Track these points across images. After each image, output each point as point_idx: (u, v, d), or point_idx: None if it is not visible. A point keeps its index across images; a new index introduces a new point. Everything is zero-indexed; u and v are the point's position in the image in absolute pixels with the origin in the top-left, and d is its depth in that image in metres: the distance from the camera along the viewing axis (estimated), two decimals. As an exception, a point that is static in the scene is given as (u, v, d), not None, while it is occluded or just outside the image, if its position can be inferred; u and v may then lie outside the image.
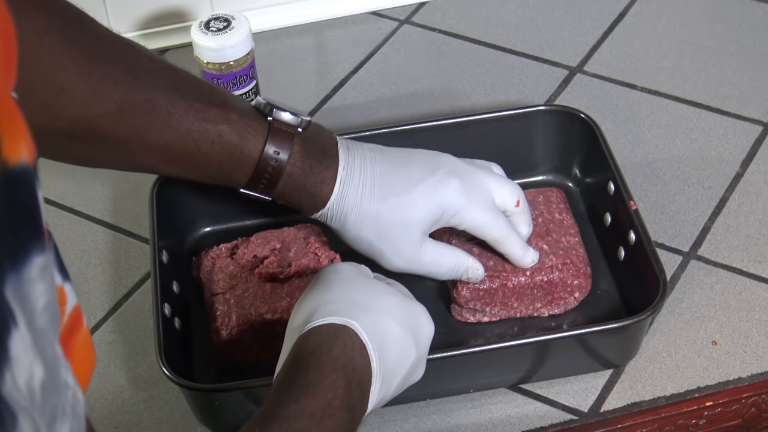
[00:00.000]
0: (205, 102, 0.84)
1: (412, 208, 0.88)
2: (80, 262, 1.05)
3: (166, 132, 0.83)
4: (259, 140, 0.85)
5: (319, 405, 0.69)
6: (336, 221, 0.89)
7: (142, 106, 0.82)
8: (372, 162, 0.89)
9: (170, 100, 0.83)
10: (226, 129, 0.84)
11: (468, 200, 0.88)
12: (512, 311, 0.94)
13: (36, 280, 0.41)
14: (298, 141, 0.86)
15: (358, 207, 0.87)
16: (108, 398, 0.93)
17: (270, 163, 0.85)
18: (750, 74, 1.19)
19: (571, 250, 0.94)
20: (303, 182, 0.87)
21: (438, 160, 0.90)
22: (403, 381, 0.77)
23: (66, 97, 0.79)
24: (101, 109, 0.81)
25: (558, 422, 0.89)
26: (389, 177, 0.88)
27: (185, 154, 0.85)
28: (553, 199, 0.99)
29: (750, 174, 1.08)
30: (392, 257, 0.89)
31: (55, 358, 0.43)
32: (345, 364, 0.71)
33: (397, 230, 0.88)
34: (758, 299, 0.97)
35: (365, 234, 0.88)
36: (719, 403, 0.90)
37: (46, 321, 0.42)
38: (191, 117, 0.83)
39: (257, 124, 0.86)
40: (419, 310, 0.79)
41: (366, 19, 1.30)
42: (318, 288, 0.77)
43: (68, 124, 0.80)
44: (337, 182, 0.87)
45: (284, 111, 0.86)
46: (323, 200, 0.88)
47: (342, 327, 0.73)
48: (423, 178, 0.88)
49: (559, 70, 1.21)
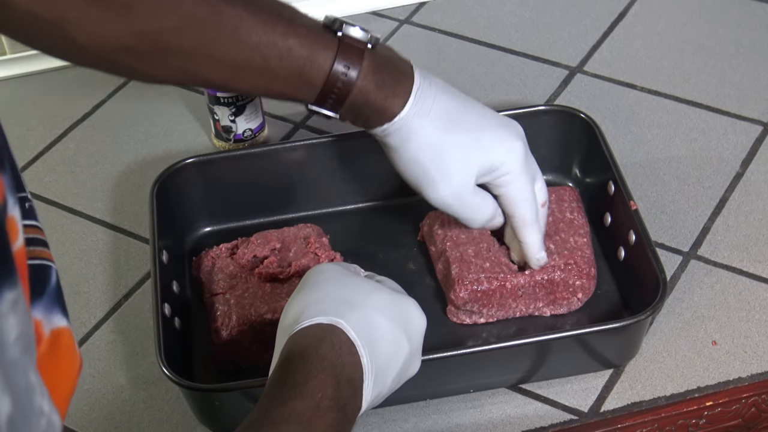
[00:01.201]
0: (274, 15, 0.82)
1: (476, 147, 0.87)
2: (80, 262, 1.05)
3: (233, 46, 0.81)
4: (329, 54, 0.83)
5: (307, 406, 0.68)
6: (397, 138, 0.87)
7: (208, 19, 0.80)
8: (445, 92, 0.88)
9: (237, 13, 0.80)
10: (295, 43, 0.82)
11: (523, 168, 0.88)
12: (509, 312, 0.94)
13: (7, 314, 0.41)
14: (368, 56, 0.84)
15: (424, 129, 0.86)
16: (108, 398, 0.93)
17: (340, 78, 0.83)
18: (750, 74, 1.19)
19: (577, 250, 0.94)
20: (373, 96, 0.85)
21: (508, 119, 0.91)
22: (398, 376, 0.76)
23: (131, 12, 0.78)
24: (166, 22, 0.79)
25: (558, 422, 0.89)
26: (461, 112, 0.88)
27: (252, 68, 0.82)
28: (565, 197, 0.99)
29: (750, 174, 1.08)
30: (443, 185, 0.88)
31: (29, 386, 0.43)
32: (333, 363, 0.71)
33: (455, 162, 0.87)
34: (758, 299, 0.97)
35: (423, 156, 0.87)
36: (719, 403, 0.90)
37: (19, 351, 0.42)
38: (259, 31, 0.81)
39: (326, 39, 0.83)
40: (409, 304, 0.79)
41: (366, 19, 1.30)
42: (305, 289, 0.77)
43: (132, 40, 0.79)
44: (411, 98, 0.85)
45: (353, 26, 0.84)
46: (392, 114, 0.86)
47: (329, 326, 0.73)
48: (493, 126, 0.88)
49: (559, 70, 1.21)
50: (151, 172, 1.08)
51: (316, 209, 1.05)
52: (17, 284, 0.42)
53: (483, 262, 0.93)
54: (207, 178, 1.03)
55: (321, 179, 1.04)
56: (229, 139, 1.12)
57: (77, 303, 1.01)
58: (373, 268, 0.86)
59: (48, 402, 0.44)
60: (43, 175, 1.14)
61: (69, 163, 1.16)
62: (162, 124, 1.18)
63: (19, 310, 0.42)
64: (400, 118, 0.85)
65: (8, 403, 0.40)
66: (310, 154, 1.03)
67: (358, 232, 1.04)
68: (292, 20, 0.83)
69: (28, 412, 0.42)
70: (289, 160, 1.04)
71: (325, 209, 1.05)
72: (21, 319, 0.43)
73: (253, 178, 1.04)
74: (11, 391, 0.41)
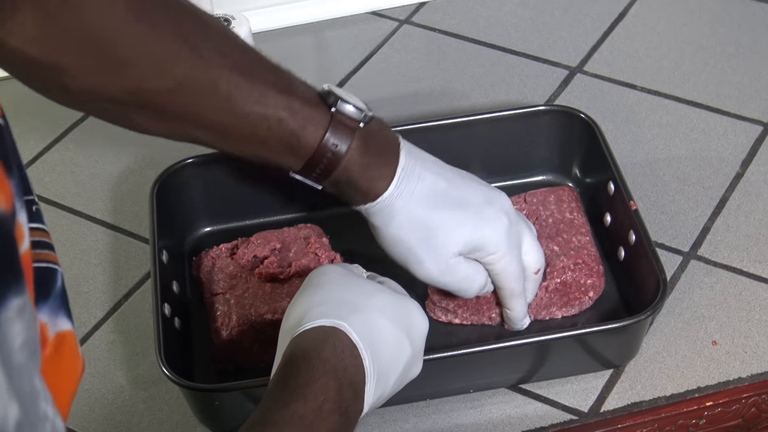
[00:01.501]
0: (269, 85, 0.82)
1: (461, 226, 0.86)
2: (80, 262, 1.05)
3: (224, 112, 0.81)
4: (318, 131, 0.83)
5: (309, 409, 0.68)
6: (381, 218, 0.87)
7: (203, 84, 0.80)
8: (431, 172, 0.87)
9: (233, 81, 0.81)
10: (287, 116, 0.82)
11: (509, 246, 0.88)
12: (483, 318, 0.94)
13: (14, 320, 0.41)
14: (359, 136, 0.84)
15: (408, 209, 0.86)
16: (108, 398, 0.93)
17: (327, 155, 0.83)
18: (750, 74, 1.19)
19: (582, 249, 0.94)
20: (358, 176, 0.85)
21: (494, 193, 0.89)
22: (400, 378, 0.76)
23: (125, 70, 0.78)
24: (160, 84, 0.79)
25: (558, 422, 0.89)
26: (446, 189, 0.87)
27: (241, 135, 0.83)
28: (564, 198, 0.99)
29: (750, 174, 1.08)
30: (430, 265, 0.87)
31: (33, 391, 0.43)
32: (335, 365, 0.71)
33: (440, 241, 0.87)
34: (758, 299, 0.97)
35: (407, 236, 0.87)
36: (719, 403, 0.90)
37: (25, 356, 0.42)
38: (253, 101, 0.81)
39: (319, 114, 0.83)
40: (411, 306, 0.79)
41: (366, 19, 1.30)
42: (307, 291, 0.77)
43: (126, 95, 0.79)
44: (394, 181, 0.85)
45: (348, 103, 0.84)
46: (376, 195, 0.86)
47: (331, 329, 0.73)
48: (478, 204, 0.87)
49: (559, 70, 1.21)
50: (151, 172, 1.08)
51: (316, 209, 1.05)
52: (24, 291, 0.42)
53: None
54: (207, 178, 1.03)
55: (321, 179, 1.04)
56: (229, 139, 1.12)
57: (77, 303, 1.01)
58: (373, 269, 0.86)
59: (52, 407, 0.44)
60: (43, 175, 1.14)
61: (69, 163, 1.16)
62: (162, 124, 1.18)
63: (25, 316, 0.42)
64: (383, 199, 0.86)
65: (16, 409, 0.40)
66: (310, 154, 1.03)
67: (359, 232, 1.03)
68: (287, 91, 0.83)
69: (34, 418, 0.42)
70: (289, 160, 1.04)
71: (325, 209, 1.05)
72: (27, 325, 0.43)
73: (253, 178, 1.04)
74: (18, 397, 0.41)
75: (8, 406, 0.40)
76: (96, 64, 0.77)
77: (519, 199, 0.98)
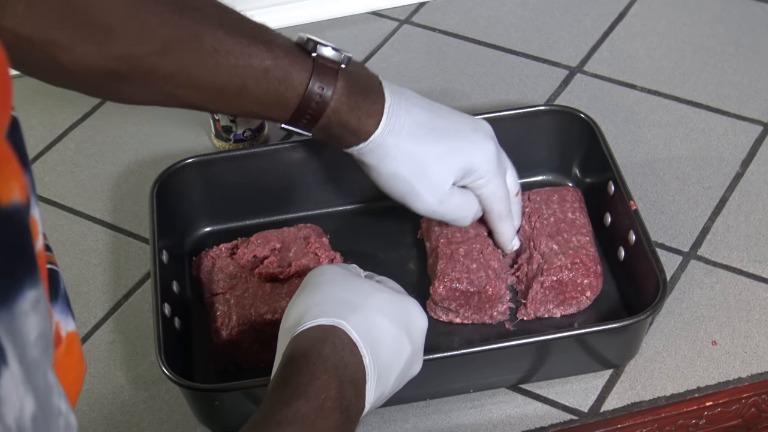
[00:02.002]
0: (251, 38, 0.84)
1: (453, 153, 0.89)
2: (80, 262, 1.05)
3: (211, 69, 0.83)
4: (304, 75, 0.85)
5: (311, 407, 0.68)
6: (374, 156, 0.89)
7: (188, 43, 0.82)
8: (416, 105, 0.90)
9: (216, 37, 0.83)
10: (271, 65, 0.84)
11: (497, 168, 0.91)
12: (485, 317, 0.94)
13: (29, 313, 0.42)
14: (342, 77, 0.86)
15: (400, 144, 0.88)
16: (108, 398, 0.93)
17: (314, 99, 0.85)
18: (750, 74, 1.19)
19: (581, 249, 0.94)
20: (347, 117, 0.87)
21: (476, 119, 0.93)
22: (400, 376, 0.77)
23: (113, 37, 0.80)
24: (147, 47, 0.81)
25: (558, 422, 0.89)
26: (432, 121, 0.90)
27: (230, 90, 0.85)
28: (567, 198, 0.99)
29: (750, 174, 1.08)
30: (427, 195, 0.90)
31: (47, 386, 0.43)
32: (336, 364, 0.71)
33: (435, 171, 0.89)
34: (758, 299, 0.97)
35: (403, 171, 0.89)
36: (719, 403, 0.90)
37: (40, 350, 0.43)
38: (237, 53, 0.83)
39: (301, 60, 0.86)
40: (410, 304, 0.79)
41: (366, 19, 1.30)
42: (306, 291, 0.78)
43: (115, 63, 0.81)
44: (383, 117, 0.87)
45: (326, 46, 0.86)
46: (367, 134, 0.88)
47: (331, 327, 0.73)
48: (465, 130, 0.91)
49: (559, 70, 1.21)
50: (151, 172, 1.08)
51: (316, 209, 1.05)
52: (39, 283, 0.42)
53: (470, 263, 0.93)
54: (207, 178, 1.03)
55: (321, 179, 1.04)
56: (229, 139, 1.12)
57: (77, 303, 1.01)
58: (373, 268, 0.86)
59: (65, 402, 0.45)
60: (43, 175, 1.14)
61: (69, 163, 1.16)
62: (162, 124, 1.18)
63: (40, 309, 0.42)
64: (375, 137, 0.88)
65: (32, 403, 0.41)
66: (310, 154, 1.03)
67: (358, 232, 1.04)
68: (267, 42, 0.85)
69: (48, 412, 0.43)
70: (289, 160, 1.04)
71: (325, 209, 1.05)
72: (41, 318, 0.43)
73: (253, 178, 1.04)
74: (34, 390, 0.41)
75: (24, 400, 0.40)
76: (85, 35, 0.79)
77: (523, 196, 0.98)
